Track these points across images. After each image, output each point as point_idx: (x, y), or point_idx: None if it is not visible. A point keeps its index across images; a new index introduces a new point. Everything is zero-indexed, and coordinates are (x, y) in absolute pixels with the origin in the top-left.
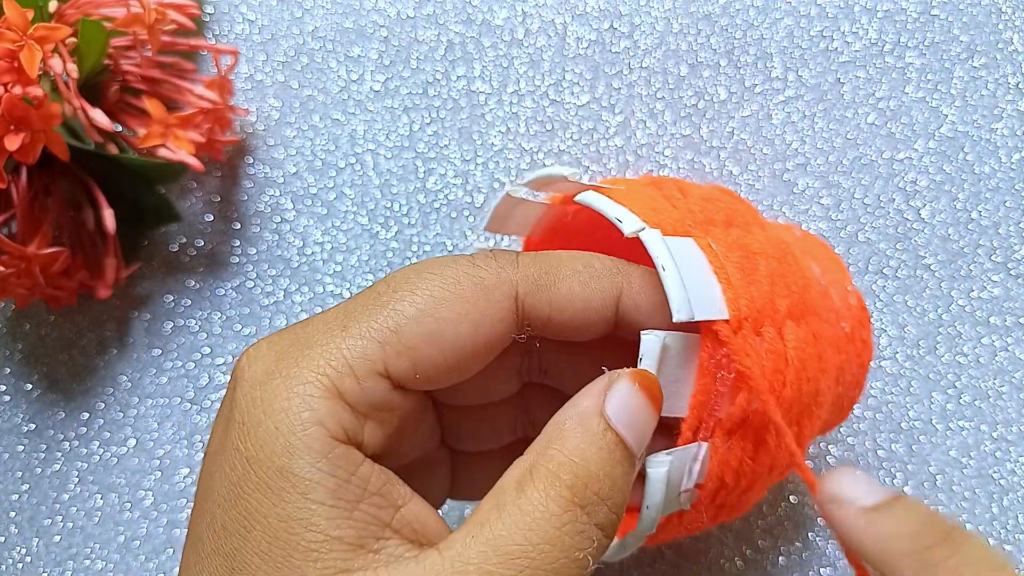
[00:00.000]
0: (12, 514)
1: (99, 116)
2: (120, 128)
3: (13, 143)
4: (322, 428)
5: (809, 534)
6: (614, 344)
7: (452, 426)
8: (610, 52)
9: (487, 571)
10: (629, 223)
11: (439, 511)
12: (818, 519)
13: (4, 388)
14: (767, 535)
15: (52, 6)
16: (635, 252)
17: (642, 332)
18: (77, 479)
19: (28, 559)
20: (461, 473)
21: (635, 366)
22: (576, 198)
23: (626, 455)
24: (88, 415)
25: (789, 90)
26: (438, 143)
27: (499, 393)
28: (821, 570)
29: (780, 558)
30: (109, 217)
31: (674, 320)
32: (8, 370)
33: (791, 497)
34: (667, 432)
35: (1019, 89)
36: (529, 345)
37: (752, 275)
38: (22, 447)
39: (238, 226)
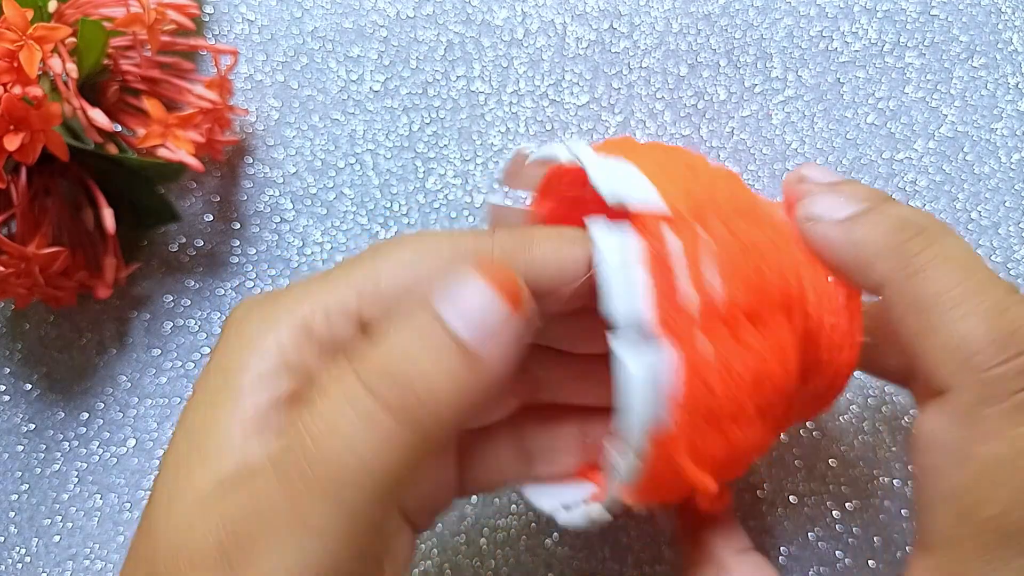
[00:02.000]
0: (12, 514)
1: (99, 116)
2: (120, 128)
3: (13, 143)
4: (279, 348)
5: (809, 534)
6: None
7: None
8: (610, 52)
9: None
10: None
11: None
12: (818, 519)
13: (4, 388)
14: (767, 535)
15: (52, 6)
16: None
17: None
18: (77, 479)
19: (28, 559)
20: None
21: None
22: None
23: (440, 331)
24: (88, 415)
25: (789, 90)
26: (438, 143)
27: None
28: (821, 569)
29: (780, 558)
30: (109, 217)
31: (608, 204)
32: (8, 370)
33: (791, 497)
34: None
35: (1019, 89)
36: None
37: (693, 179)
38: (22, 447)
39: (238, 226)
